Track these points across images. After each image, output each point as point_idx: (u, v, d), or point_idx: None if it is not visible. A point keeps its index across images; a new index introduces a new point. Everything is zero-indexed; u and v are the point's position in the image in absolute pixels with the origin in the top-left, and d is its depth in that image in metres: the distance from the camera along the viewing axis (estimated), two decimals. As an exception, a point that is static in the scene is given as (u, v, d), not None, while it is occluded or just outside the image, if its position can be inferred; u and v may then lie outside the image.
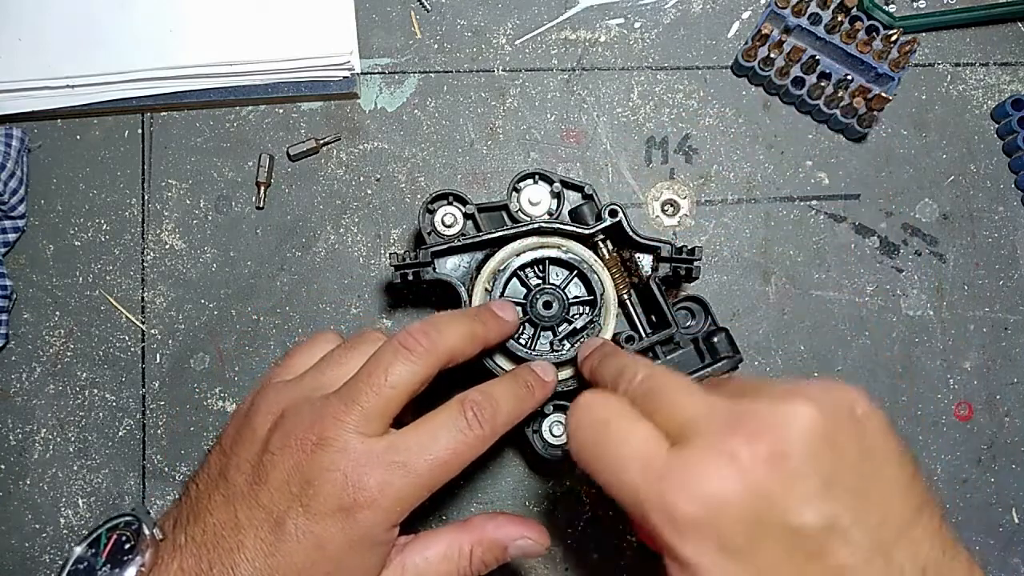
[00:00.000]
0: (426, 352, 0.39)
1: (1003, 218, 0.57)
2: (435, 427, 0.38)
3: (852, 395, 0.31)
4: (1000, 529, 0.55)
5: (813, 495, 0.29)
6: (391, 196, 0.57)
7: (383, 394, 0.38)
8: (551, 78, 0.58)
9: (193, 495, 0.40)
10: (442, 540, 0.40)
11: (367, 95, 0.58)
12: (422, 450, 0.37)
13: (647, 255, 0.50)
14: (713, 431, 0.31)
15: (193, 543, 0.37)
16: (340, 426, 0.37)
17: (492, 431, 0.39)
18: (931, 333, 0.57)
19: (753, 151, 0.58)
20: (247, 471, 0.38)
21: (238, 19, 0.56)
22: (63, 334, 0.56)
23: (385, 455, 0.37)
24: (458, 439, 0.38)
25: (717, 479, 0.29)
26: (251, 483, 0.37)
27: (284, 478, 0.37)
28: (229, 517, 0.37)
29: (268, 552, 0.36)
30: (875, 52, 0.54)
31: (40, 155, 0.57)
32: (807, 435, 0.29)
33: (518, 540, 0.41)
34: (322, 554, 0.36)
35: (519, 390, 0.42)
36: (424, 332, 0.39)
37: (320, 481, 0.36)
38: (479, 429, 0.39)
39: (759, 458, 0.29)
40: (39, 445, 0.55)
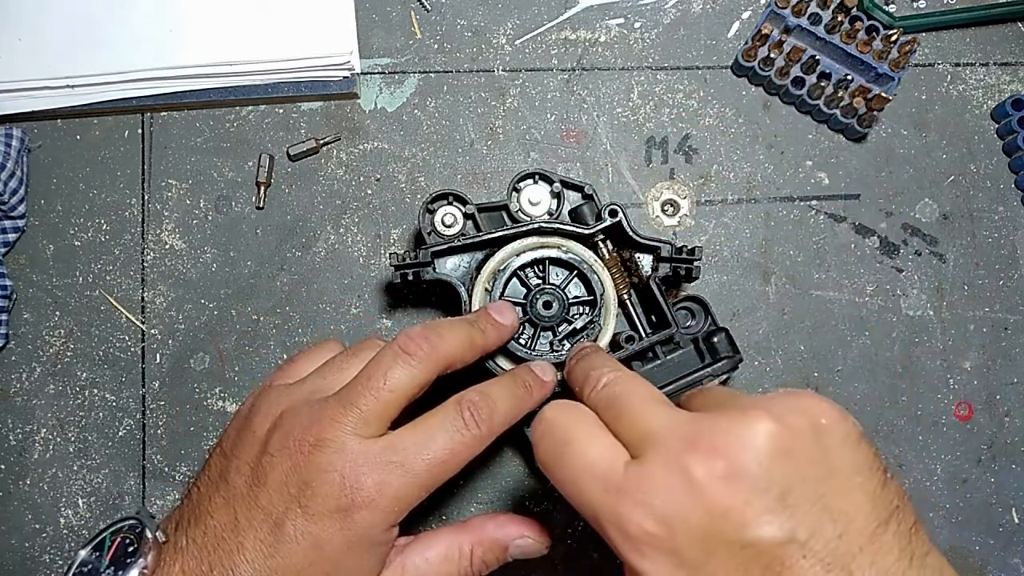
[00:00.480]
0: (426, 357, 0.39)
1: (1003, 218, 0.57)
2: (432, 427, 0.38)
3: (817, 406, 0.31)
4: (1000, 529, 0.55)
5: (769, 510, 0.29)
6: (391, 196, 0.57)
7: (381, 397, 0.38)
8: (551, 78, 0.58)
9: (194, 497, 0.40)
10: (442, 541, 0.40)
11: (367, 95, 0.58)
12: (419, 450, 0.37)
13: (647, 255, 0.50)
14: (672, 446, 0.31)
15: (194, 545, 0.37)
16: (338, 427, 0.37)
17: (489, 431, 0.39)
18: (931, 333, 0.57)
19: (753, 151, 0.58)
20: (246, 473, 0.38)
21: (238, 19, 0.56)
22: (63, 334, 0.56)
23: (382, 455, 0.37)
24: (455, 439, 0.38)
25: (672, 496, 0.30)
26: (250, 485, 0.38)
27: (282, 479, 0.37)
28: (229, 519, 0.37)
29: (267, 553, 0.36)
30: (875, 52, 0.54)
31: (40, 155, 0.57)
32: (764, 450, 0.30)
33: (518, 540, 0.41)
34: (321, 555, 0.36)
35: (517, 390, 0.42)
36: (424, 337, 0.40)
37: (318, 482, 0.36)
38: (476, 429, 0.39)
39: (716, 475, 0.29)
40: (39, 445, 0.55)
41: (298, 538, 0.36)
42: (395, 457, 0.37)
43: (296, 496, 0.36)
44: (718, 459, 0.30)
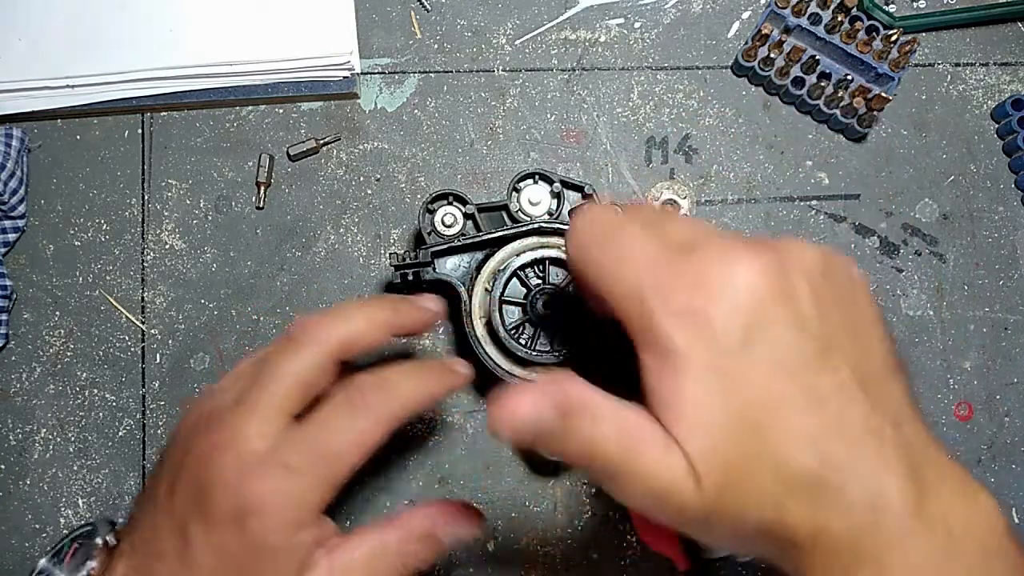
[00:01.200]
0: (312, 340, 0.38)
1: (1003, 218, 0.57)
2: (321, 419, 0.37)
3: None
4: (1000, 529, 0.55)
5: (815, 317, 0.29)
6: (391, 196, 0.57)
7: (268, 389, 0.37)
8: (551, 78, 0.58)
9: (137, 503, 0.40)
10: (368, 540, 0.38)
11: (367, 95, 0.58)
12: (308, 447, 0.36)
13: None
14: (726, 241, 0.30)
15: (131, 549, 0.38)
16: (231, 429, 0.36)
17: (388, 415, 0.37)
18: (931, 333, 0.57)
19: (753, 151, 0.58)
20: (168, 480, 0.38)
21: (238, 19, 0.56)
22: (63, 334, 0.56)
23: (270, 458, 0.35)
24: (347, 427, 0.36)
25: (725, 280, 0.29)
26: (167, 493, 0.37)
27: (188, 487, 0.36)
28: (152, 525, 0.37)
29: (179, 561, 0.36)
30: (875, 52, 0.54)
31: (40, 155, 0.57)
32: (816, 268, 0.30)
33: (447, 528, 0.39)
34: (224, 563, 0.35)
35: (421, 373, 0.40)
36: (315, 320, 0.38)
37: (212, 489, 0.35)
38: (369, 414, 0.37)
39: (770, 267, 0.29)
40: (39, 445, 0.55)
41: (201, 546, 0.35)
42: (286, 458, 0.35)
43: (197, 504, 0.36)
44: (769, 252, 0.29)
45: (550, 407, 0.29)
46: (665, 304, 0.29)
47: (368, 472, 0.55)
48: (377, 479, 0.55)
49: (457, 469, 0.55)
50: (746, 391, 0.28)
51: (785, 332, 0.28)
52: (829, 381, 0.28)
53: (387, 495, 0.55)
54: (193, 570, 0.35)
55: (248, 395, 0.37)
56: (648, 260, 0.30)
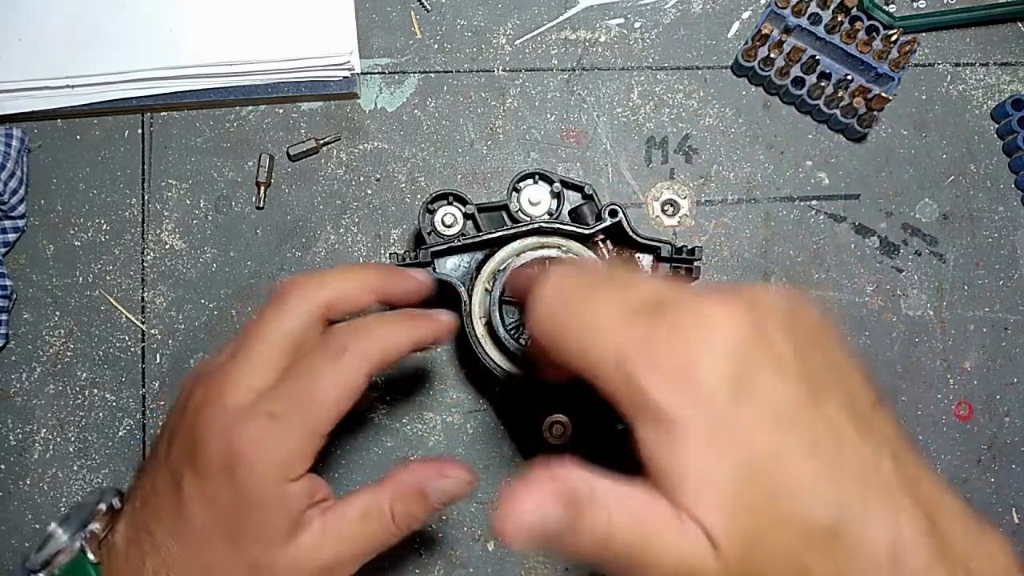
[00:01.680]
0: (299, 299, 0.38)
1: (1003, 218, 0.57)
2: (302, 368, 0.37)
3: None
4: (1000, 529, 0.55)
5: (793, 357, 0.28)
6: (391, 196, 0.57)
7: (255, 346, 0.38)
8: (551, 78, 0.58)
9: (140, 467, 0.41)
10: (361, 500, 0.38)
11: (367, 95, 0.58)
12: (291, 395, 0.36)
13: (647, 255, 0.50)
14: (696, 296, 0.29)
15: (132, 509, 0.39)
16: (221, 384, 0.37)
17: (365, 358, 0.37)
18: (931, 333, 0.57)
19: (753, 151, 0.58)
20: (166, 439, 0.39)
21: (238, 19, 0.56)
22: (63, 334, 0.56)
23: (257, 408, 0.36)
24: (327, 372, 0.37)
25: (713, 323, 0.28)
26: (166, 451, 0.38)
27: (182, 442, 0.37)
28: (152, 484, 0.38)
29: (175, 515, 0.37)
30: (875, 52, 0.54)
31: (40, 155, 0.57)
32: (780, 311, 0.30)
33: (435, 483, 0.39)
34: (216, 515, 0.36)
35: (401, 319, 0.40)
36: (303, 280, 0.39)
37: (203, 441, 0.36)
38: (350, 359, 0.37)
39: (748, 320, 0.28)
40: (39, 445, 0.55)
41: (194, 498, 0.36)
42: (269, 407, 0.36)
43: (189, 456, 0.36)
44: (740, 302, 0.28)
45: (554, 503, 0.27)
46: (649, 369, 0.28)
47: (369, 474, 0.55)
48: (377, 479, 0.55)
49: (457, 469, 0.55)
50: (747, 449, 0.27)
51: (772, 380, 0.27)
52: (824, 423, 0.28)
53: (387, 495, 0.55)
54: (187, 524, 0.36)
55: (238, 351, 0.38)
56: (622, 324, 0.29)
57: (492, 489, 0.55)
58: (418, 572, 0.54)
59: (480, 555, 0.55)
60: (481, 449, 0.55)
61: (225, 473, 0.36)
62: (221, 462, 0.36)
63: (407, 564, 0.54)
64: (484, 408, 0.56)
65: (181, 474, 0.37)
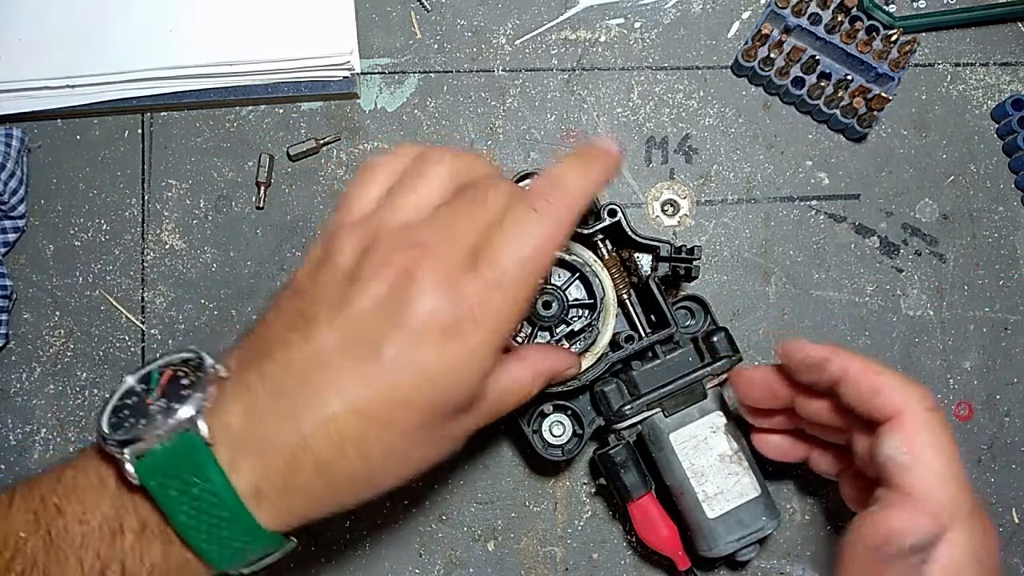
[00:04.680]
0: (557, 206, 0.36)
1: (1003, 218, 0.57)
2: (511, 231, 0.35)
3: None
4: (1000, 529, 0.55)
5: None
6: (391, 196, 0.57)
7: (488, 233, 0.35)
8: (551, 78, 0.58)
9: (261, 333, 0.35)
10: (524, 368, 0.40)
11: (367, 95, 0.58)
12: (511, 257, 0.34)
13: (647, 255, 0.50)
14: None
15: (271, 381, 0.33)
16: (435, 249, 0.34)
17: (569, 209, 0.36)
18: (931, 333, 0.57)
19: (753, 151, 0.58)
20: (331, 304, 0.34)
21: (238, 19, 0.56)
22: (63, 334, 0.56)
23: (480, 274, 0.34)
24: (540, 231, 0.35)
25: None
26: (337, 315, 0.33)
27: (379, 304, 0.33)
28: (313, 351, 0.33)
29: (366, 384, 0.32)
30: (875, 52, 0.54)
31: (40, 155, 0.57)
32: None
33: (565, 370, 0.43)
34: (428, 383, 0.33)
35: (583, 160, 0.38)
36: (552, 184, 0.36)
37: (419, 303, 0.32)
38: (556, 211, 0.35)
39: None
40: (39, 445, 0.55)
41: (402, 364, 0.32)
42: (492, 272, 0.34)
43: (395, 320, 0.32)
44: None
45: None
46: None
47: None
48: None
49: (457, 469, 0.55)
50: None
51: None
52: None
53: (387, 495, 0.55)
54: (382, 394, 0.32)
55: (452, 222, 0.35)
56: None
57: (492, 490, 0.55)
58: (418, 572, 0.54)
59: (480, 555, 0.55)
60: (481, 449, 0.55)
61: (444, 337, 0.33)
62: (442, 325, 0.33)
63: (407, 564, 0.54)
64: (484, 408, 0.56)
65: (382, 339, 0.32)
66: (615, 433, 0.50)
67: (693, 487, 0.48)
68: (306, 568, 0.54)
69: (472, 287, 0.33)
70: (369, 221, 0.36)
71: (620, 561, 0.55)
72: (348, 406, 0.32)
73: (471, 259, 0.34)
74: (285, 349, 0.33)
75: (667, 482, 0.49)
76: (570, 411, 0.50)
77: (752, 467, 0.49)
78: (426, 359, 0.32)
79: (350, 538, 0.54)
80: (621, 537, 0.55)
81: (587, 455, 0.55)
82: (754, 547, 0.49)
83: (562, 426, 0.50)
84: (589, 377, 0.48)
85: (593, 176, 0.38)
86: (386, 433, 0.33)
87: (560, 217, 0.36)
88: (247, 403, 0.33)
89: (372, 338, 0.32)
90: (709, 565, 0.54)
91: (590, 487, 0.55)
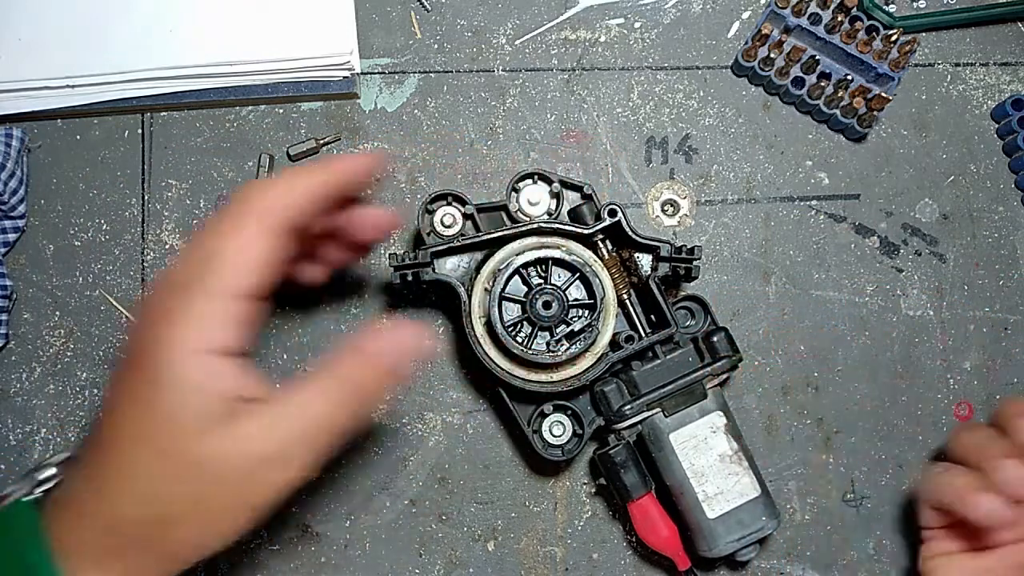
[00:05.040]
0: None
1: (1003, 218, 0.57)
2: (205, 230, 0.36)
3: None
4: (1000, 529, 0.55)
5: None
6: (391, 196, 0.57)
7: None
8: (551, 78, 0.58)
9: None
10: (305, 381, 0.35)
11: (367, 95, 0.58)
12: (193, 259, 0.35)
13: (647, 255, 0.50)
14: None
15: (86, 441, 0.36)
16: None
17: (266, 209, 0.35)
18: (931, 333, 0.57)
19: (753, 151, 0.58)
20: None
21: (238, 19, 0.56)
22: (63, 334, 0.56)
23: (158, 283, 0.37)
24: (228, 225, 0.35)
25: None
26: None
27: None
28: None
29: (99, 435, 0.35)
30: (875, 52, 0.54)
31: (40, 155, 0.57)
32: None
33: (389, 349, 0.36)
34: (136, 413, 0.34)
35: (305, 167, 0.39)
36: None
37: (123, 349, 0.36)
38: (249, 208, 0.35)
39: None
40: (39, 445, 0.55)
41: (116, 404, 0.34)
42: (172, 276, 0.35)
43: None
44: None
45: None
46: None
47: (369, 474, 0.55)
48: (377, 479, 0.55)
49: (457, 469, 0.55)
50: None
51: None
52: None
53: (387, 495, 0.55)
54: (112, 435, 0.33)
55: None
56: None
57: (492, 489, 0.55)
58: (418, 572, 0.54)
59: (480, 555, 0.55)
60: (481, 449, 0.55)
61: (139, 359, 0.32)
62: (133, 349, 0.33)
63: (407, 564, 0.54)
64: (484, 408, 0.56)
65: (106, 390, 0.35)
66: (615, 433, 0.50)
67: (693, 487, 0.48)
68: (306, 568, 0.54)
69: (151, 299, 0.35)
70: None
71: (620, 561, 0.55)
72: (94, 453, 0.35)
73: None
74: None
75: (667, 482, 0.49)
76: (570, 411, 0.50)
77: (752, 467, 0.49)
78: (132, 387, 0.34)
79: (350, 538, 0.54)
80: (621, 537, 0.55)
81: (587, 455, 0.55)
82: (754, 547, 0.49)
83: (562, 426, 0.50)
84: (589, 377, 0.48)
85: (307, 177, 0.37)
86: (127, 476, 0.34)
87: (255, 215, 0.35)
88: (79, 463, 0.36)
89: (104, 396, 0.37)
90: (709, 565, 0.54)
91: (590, 487, 0.55)
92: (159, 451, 0.32)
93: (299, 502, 0.54)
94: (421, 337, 0.37)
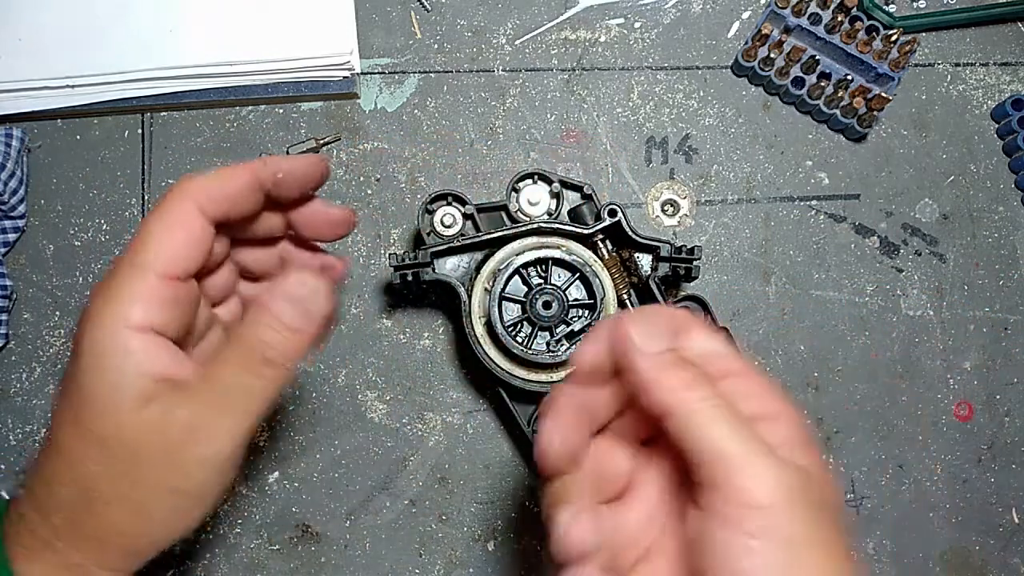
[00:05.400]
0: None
1: (1003, 218, 0.57)
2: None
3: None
4: (1000, 529, 0.55)
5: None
6: (391, 196, 0.57)
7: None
8: (551, 78, 0.58)
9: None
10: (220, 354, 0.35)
11: (367, 95, 0.58)
12: (129, 245, 0.35)
13: (647, 255, 0.50)
14: None
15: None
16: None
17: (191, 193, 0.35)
18: (931, 333, 0.57)
19: (753, 151, 0.58)
20: None
21: (238, 19, 0.56)
22: (63, 334, 0.56)
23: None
24: (155, 211, 0.35)
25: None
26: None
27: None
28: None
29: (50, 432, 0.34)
30: (875, 52, 0.54)
31: (40, 155, 0.57)
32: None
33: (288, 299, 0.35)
34: (67, 393, 0.34)
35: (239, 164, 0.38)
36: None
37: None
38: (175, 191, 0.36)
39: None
40: (39, 445, 0.55)
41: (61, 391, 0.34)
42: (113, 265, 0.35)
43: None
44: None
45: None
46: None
47: (369, 474, 0.55)
48: (377, 479, 0.55)
49: (457, 469, 0.55)
50: None
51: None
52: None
53: (387, 495, 0.55)
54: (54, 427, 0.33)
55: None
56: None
57: (492, 489, 0.55)
58: (418, 572, 0.54)
59: (480, 555, 0.55)
60: (481, 449, 0.55)
61: (75, 338, 0.33)
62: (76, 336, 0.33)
63: (407, 564, 0.54)
64: (484, 408, 0.56)
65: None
66: (615, 433, 0.50)
67: (693, 487, 0.48)
68: (306, 568, 0.54)
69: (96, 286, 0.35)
70: None
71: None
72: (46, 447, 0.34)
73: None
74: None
75: (667, 482, 0.49)
76: (570, 411, 0.50)
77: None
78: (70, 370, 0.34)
79: (350, 538, 0.54)
80: (621, 537, 0.55)
81: (587, 455, 0.55)
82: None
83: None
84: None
85: (236, 169, 0.37)
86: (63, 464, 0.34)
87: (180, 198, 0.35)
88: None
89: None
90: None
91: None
92: (84, 430, 0.32)
93: (299, 502, 0.54)
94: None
